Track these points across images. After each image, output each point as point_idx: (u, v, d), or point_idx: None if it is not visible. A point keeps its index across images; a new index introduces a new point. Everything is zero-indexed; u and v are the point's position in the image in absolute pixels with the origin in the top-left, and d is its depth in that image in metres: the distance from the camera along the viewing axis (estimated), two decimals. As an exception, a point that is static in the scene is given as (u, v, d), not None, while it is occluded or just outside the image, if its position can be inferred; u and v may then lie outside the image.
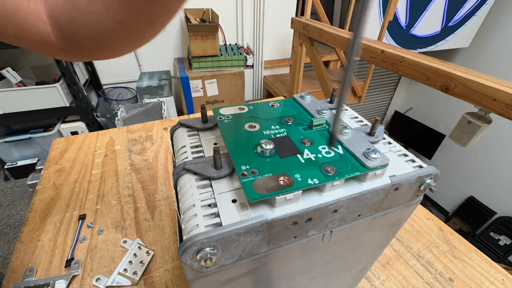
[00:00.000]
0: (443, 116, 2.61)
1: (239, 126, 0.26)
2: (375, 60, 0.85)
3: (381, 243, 0.31)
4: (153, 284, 0.39)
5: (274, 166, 0.21)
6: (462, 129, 0.70)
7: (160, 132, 0.73)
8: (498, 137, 2.13)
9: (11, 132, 1.63)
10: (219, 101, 1.74)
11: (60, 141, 0.69)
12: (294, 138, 0.24)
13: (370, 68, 1.73)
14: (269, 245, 0.19)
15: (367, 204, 0.22)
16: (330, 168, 0.21)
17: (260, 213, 0.18)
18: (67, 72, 1.34)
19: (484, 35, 2.13)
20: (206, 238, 0.16)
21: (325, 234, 0.22)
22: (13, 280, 0.39)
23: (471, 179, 2.44)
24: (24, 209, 1.57)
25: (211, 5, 1.68)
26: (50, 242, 0.44)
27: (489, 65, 2.19)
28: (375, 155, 0.21)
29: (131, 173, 0.59)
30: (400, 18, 1.77)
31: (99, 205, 0.51)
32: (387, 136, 0.27)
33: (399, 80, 2.94)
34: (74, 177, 0.58)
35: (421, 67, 0.71)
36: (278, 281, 0.25)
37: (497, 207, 2.26)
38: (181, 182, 0.21)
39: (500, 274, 0.44)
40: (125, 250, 0.43)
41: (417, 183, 0.23)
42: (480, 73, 0.62)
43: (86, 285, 0.39)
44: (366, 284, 0.42)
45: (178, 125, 0.28)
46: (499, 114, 0.58)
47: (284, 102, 0.31)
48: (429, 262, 0.45)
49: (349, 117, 0.31)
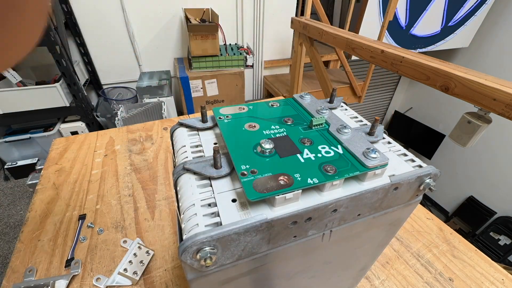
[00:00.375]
0: (443, 116, 2.61)
1: (239, 126, 0.26)
2: (375, 60, 0.85)
3: (381, 243, 0.31)
4: (153, 284, 0.39)
5: (274, 166, 0.21)
6: (462, 129, 0.70)
7: (160, 132, 0.73)
8: (499, 137, 2.13)
9: (11, 132, 1.63)
10: (219, 101, 1.74)
11: (60, 141, 0.69)
12: (293, 137, 0.24)
13: (370, 68, 1.73)
14: (269, 245, 0.20)
15: (366, 204, 0.22)
16: (329, 167, 0.21)
17: (260, 212, 0.18)
18: (67, 72, 1.34)
19: (484, 35, 2.13)
20: (206, 238, 0.16)
21: (324, 233, 0.22)
22: (13, 280, 0.39)
23: (471, 179, 2.44)
24: (24, 209, 1.57)
25: (211, 5, 1.68)
26: (50, 242, 0.45)
27: (489, 65, 2.19)
28: (375, 154, 0.21)
29: (131, 173, 0.59)
30: (400, 18, 1.77)
31: (99, 205, 0.51)
32: (387, 135, 0.28)
33: (399, 80, 2.94)
34: (74, 177, 0.58)
35: (421, 67, 0.71)
36: (278, 280, 0.25)
37: (497, 207, 2.26)
38: (181, 182, 0.21)
39: (500, 274, 0.44)
40: (125, 250, 0.43)
41: (417, 182, 0.23)
42: (480, 73, 0.62)
43: (86, 285, 0.39)
44: (366, 284, 0.42)
45: (178, 125, 0.28)
46: (499, 114, 0.58)
47: (284, 102, 0.31)
48: (429, 262, 0.45)
49: (349, 117, 0.31)
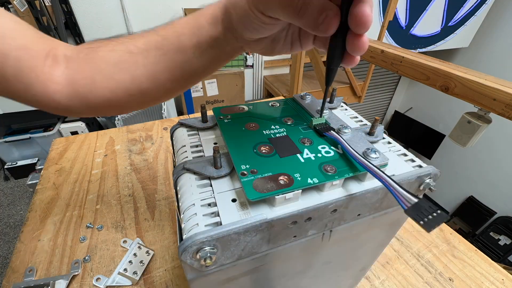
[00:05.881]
0: (443, 116, 2.61)
1: (239, 125, 0.26)
2: (375, 60, 0.85)
3: (380, 243, 0.31)
4: (153, 284, 0.39)
5: (273, 166, 0.21)
6: (462, 129, 0.70)
7: (160, 132, 0.73)
8: (499, 137, 2.13)
9: (11, 132, 1.63)
10: (219, 101, 1.74)
11: (60, 141, 0.69)
12: (293, 137, 0.24)
13: (370, 68, 1.73)
14: (269, 245, 0.20)
15: (366, 204, 0.22)
16: (329, 167, 0.21)
17: (259, 212, 0.18)
18: (67, 72, 1.34)
19: (483, 35, 2.13)
20: (206, 237, 0.16)
21: (324, 233, 0.22)
22: (13, 280, 0.39)
23: (471, 179, 2.44)
24: (24, 209, 1.57)
25: (211, 5, 1.68)
26: (50, 242, 0.45)
27: (489, 65, 2.19)
28: (375, 154, 0.21)
29: (131, 173, 0.59)
30: (400, 18, 1.77)
31: (99, 205, 0.51)
32: (387, 135, 0.28)
33: (399, 80, 2.94)
34: (74, 177, 0.58)
35: (421, 67, 0.71)
36: (278, 280, 0.25)
37: (497, 207, 2.26)
38: (181, 182, 0.21)
39: (500, 274, 0.44)
40: (125, 250, 0.43)
41: (417, 182, 0.23)
42: (480, 73, 0.62)
43: (86, 285, 0.39)
44: (366, 284, 0.42)
45: (178, 124, 0.28)
46: (499, 114, 0.58)
47: (284, 102, 0.31)
48: (429, 262, 0.45)
49: (349, 117, 0.31)
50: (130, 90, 0.25)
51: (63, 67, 0.25)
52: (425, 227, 0.15)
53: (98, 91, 0.25)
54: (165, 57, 0.24)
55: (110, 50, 0.25)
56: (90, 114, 0.28)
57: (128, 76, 0.24)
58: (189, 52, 0.24)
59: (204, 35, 0.23)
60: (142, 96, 0.26)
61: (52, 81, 0.24)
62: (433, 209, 0.15)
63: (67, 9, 1.46)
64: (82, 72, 0.25)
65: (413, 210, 0.16)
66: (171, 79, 0.25)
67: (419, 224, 0.15)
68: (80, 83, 0.25)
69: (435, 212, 0.15)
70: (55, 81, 0.25)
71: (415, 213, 0.15)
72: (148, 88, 0.25)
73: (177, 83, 0.26)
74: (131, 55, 0.24)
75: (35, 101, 0.25)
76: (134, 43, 0.24)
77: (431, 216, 0.15)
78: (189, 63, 0.24)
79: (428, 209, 0.15)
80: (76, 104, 0.26)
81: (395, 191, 0.17)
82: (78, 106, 0.26)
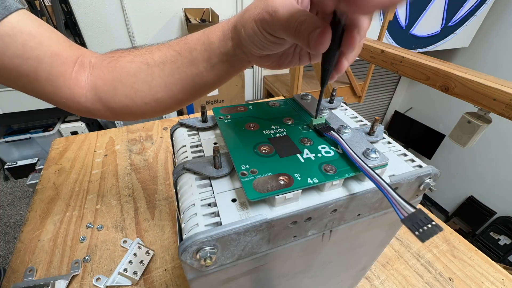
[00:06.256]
0: (443, 116, 2.61)
1: (239, 125, 0.26)
2: (375, 60, 0.85)
3: (380, 243, 0.31)
4: (153, 284, 0.39)
5: (273, 166, 0.21)
6: (462, 129, 0.70)
7: (160, 132, 0.73)
8: (498, 137, 2.13)
9: (11, 132, 1.63)
10: (219, 101, 1.74)
11: (60, 141, 0.69)
12: (293, 137, 0.24)
13: (370, 68, 1.73)
14: (269, 245, 0.20)
15: (366, 204, 0.22)
16: (329, 167, 0.21)
17: (259, 212, 0.18)
18: (67, 72, 1.34)
19: (483, 35, 2.13)
20: (206, 237, 0.16)
21: (324, 233, 0.22)
22: (13, 280, 0.39)
23: (471, 179, 2.44)
24: (24, 209, 1.57)
25: (211, 5, 1.68)
26: (50, 242, 0.45)
27: (489, 65, 2.19)
28: (375, 154, 0.21)
29: (131, 173, 0.59)
30: (400, 18, 1.77)
31: (99, 205, 0.51)
32: (387, 135, 0.28)
33: (399, 80, 2.94)
34: (74, 177, 0.58)
35: (421, 67, 0.71)
36: (278, 280, 0.25)
37: (497, 207, 2.26)
38: (181, 182, 0.21)
39: (500, 274, 0.44)
40: (125, 250, 0.43)
41: (417, 182, 0.23)
42: (479, 73, 0.62)
43: (86, 285, 0.39)
44: (366, 284, 0.42)
45: (178, 124, 0.28)
46: (499, 114, 0.58)
47: (284, 102, 0.31)
48: (429, 262, 0.45)
49: (349, 117, 0.31)
50: (146, 99, 0.27)
51: (87, 73, 0.27)
52: (420, 238, 0.15)
53: (118, 98, 0.27)
54: (178, 70, 0.26)
55: (129, 61, 0.27)
56: (112, 118, 0.30)
57: (146, 86, 0.27)
58: (200, 66, 0.26)
59: (215, 51, 0.25)
60: (157, 104, 0.28)
61: (77, 86, 0.27)
62: (428, 220, 0.16)
63: (67, 9, 1.46)
64: (105, 79, 0.27)
65: (409, 220, 0.16)
66: (183, 90, 0.27)
67: (414, 234, 0.15)
68: (102, 89, 0.27)
69: (430, 223, 0.16)
70: (80, 85, 0.27)
71: (411, 223, 0.16)
72: (163, 97, 0.27)
73: (189, 93, 0.28)
74: (148, 67, 0.26)
75: (62, 103, 0.28)
76: (151, 55, 0.27)
77: (426, 227, 0.15)
78: (200, 76, 0.26)
79: (423, 220, 0.16)
80: (99, 108, 0.28)
81: (393, 200, 0.17)
82: (100, 109, 0.28)
